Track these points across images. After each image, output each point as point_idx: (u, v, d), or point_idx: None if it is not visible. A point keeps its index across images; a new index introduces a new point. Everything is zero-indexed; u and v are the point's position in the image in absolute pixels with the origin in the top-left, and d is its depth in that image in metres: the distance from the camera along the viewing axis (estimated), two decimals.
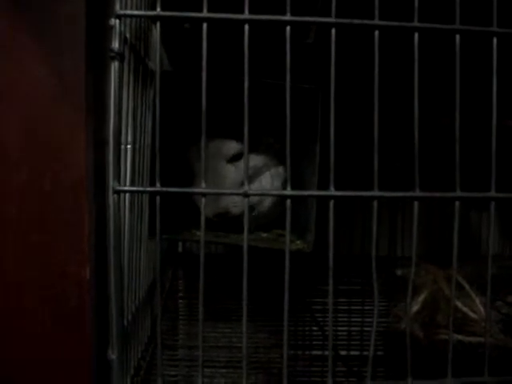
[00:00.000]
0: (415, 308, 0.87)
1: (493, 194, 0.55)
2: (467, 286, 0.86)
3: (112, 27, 0.51)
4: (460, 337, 0.78)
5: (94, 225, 1.09)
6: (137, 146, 0.65)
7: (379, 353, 1.13)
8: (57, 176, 1.04)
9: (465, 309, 0.82)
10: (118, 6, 0.50)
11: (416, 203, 0.53)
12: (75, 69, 1.01)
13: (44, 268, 1.03)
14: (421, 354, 0.80)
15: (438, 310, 0.87)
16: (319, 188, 0.72)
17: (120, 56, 0.50)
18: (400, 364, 0.73)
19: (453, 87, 0.54)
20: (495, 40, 0.54)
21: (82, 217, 1.04)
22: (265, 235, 0.84)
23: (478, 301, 0.84)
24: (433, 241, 1.27)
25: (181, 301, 1.16)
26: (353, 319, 1.15)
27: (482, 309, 0.83)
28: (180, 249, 1.32)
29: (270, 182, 0.81)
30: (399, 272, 1.08)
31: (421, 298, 0.88)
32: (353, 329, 1.13)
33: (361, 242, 1.32)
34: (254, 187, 0.76)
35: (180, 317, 1.11)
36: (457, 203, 0.54)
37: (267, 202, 0.80)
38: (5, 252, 1.01)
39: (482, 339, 0.78)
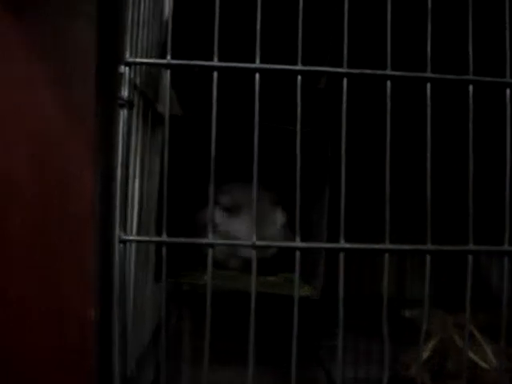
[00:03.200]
0: (424, 355, 0.86)
1: (506, 247, 0.53)
2: (478, 335, 0.84)
3: (122, 74, 0.50)
4: None
5: (99, 265, 1.09)
6: (144, 191, 0.64)
7: None
8: (65, 212, 1.03)
9: (476, 358, 0.80)
10: (127, 54, 0.50)
11: (428, 257, 0.52)
12: (85, 104, 1.01)
13: (47, 305, 1.02)
14: None
15: (448, 357, 0.85)
16: (329, 234, 0.71)
17: (129, 104, 0.49)
18: None
19: (465, 136, 0.53)
20: (508, 91, 0.53)
21: (87, 253, 1.03)
22: (272, 279, 0.83)
23: (489, 350, 0.82)
24: (440, 284, 1.25)
25: (185, 342, 1.14)
26: (359, 363, 1.13)
27: (493, 358, 0.81)
28: (186, 287, 1.30)
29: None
30: (407, 314, 1.07)
31: (430, 345, 0.86)
32: (359, 376, 1.11)
33: (370, 282, 1.30)
34: None
35: (184, 359, 1.09)
36: (470, 257, 0.53)
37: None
38: (14, 288, 1.00)
39: None
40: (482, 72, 0.54)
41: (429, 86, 0.53)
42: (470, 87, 0.53)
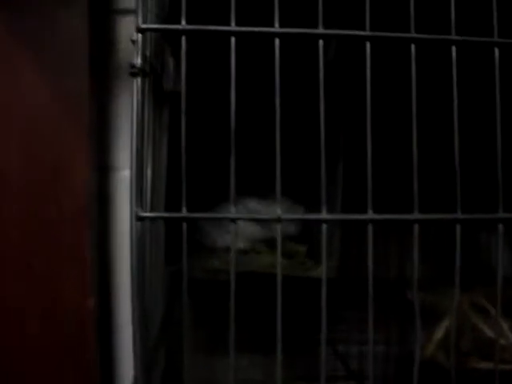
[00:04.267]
0: (439, 335, 0.84)
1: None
2: (493, 312, 0.82)
3: (134, 42, 0.47)
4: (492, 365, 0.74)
5: (97, 251, 1.05)
6: (154, 171, 0.61)
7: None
8: (59, 203, 0.99)
9: (493, 335, 0.79)
10: (140, 20, 0.47)
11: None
12: (78, 91, 0.97)
13: (45, 297, 0.99)
14: None
15: (463, 336, 0.83)
16: (342, 210, 0.69)
17: (142, 72, 0.46)
18: None
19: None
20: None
21: (83, 243, 1.00)
22: (284, 260, 0.81)
23: (505, 326, 0.80)
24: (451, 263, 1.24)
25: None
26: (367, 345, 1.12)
27: (510, 334, 0.80)
28: (197, 273, 1.28)
29: None
30: (411, 295, 1.05)
31: (444, 324, 0.85)
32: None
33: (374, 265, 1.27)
34: None
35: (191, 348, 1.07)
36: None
37: None
38: (6, 280, 0.97)
39: None
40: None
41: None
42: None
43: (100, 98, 1.06)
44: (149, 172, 0.56)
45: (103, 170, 1.08)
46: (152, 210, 0.56)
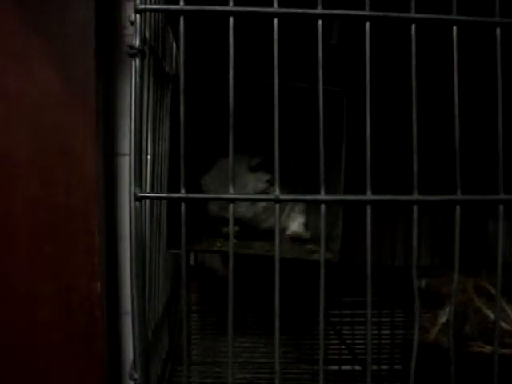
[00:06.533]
0: (443, 319, 0.84)
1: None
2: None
3: (132, 23, 0.47)
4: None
5: (105, 238, 1.06)
6: (156, 153, 0.61)
7: (397, 366, 1.10)
8: (68, 189, 1.00)
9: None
10: (138, 1, 0.47)
11: (458, 207, 0.50)
12: (85, 74, 0.98)
13: (55, 283, 0.99)
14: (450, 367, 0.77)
15: (467, 320, 0.83)
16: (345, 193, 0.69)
17: (141, 53, 0.46)
18: (426, 378, 0.69)
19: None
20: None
21: (92, 229, 1.01)
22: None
23: (510, 311, 0.80)
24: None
25: (194, 314, 1.12)
26: (371, 331, 1.12)
27: None
28: (192, 262, 1.28)
29: None
30: (422, 283, 1.05)
31: (448, 308, 0.84)
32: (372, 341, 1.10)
33: (376, 252, 1.27)
34: None
35: (193, 331, 1.08)
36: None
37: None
38: (14, 265, 0.98)
39: None
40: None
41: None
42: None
43: (107, 84, 1.06)
44: (149, 153, 0.55)
45: (110, 155, 1.08)
46: (153, 192, 0.56)
